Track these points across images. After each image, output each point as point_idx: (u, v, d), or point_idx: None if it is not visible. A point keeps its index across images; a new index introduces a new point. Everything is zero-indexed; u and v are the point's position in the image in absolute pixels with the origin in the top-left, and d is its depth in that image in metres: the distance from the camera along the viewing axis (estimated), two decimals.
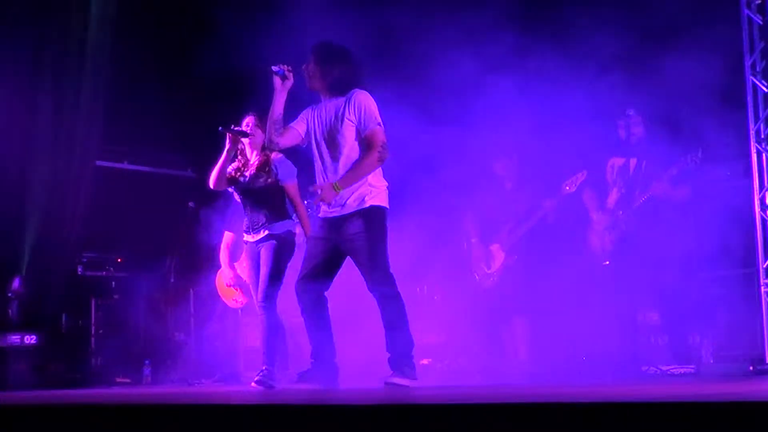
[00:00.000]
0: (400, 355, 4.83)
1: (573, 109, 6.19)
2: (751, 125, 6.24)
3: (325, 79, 5.00)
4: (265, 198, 5.72)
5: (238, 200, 5.87)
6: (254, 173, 5.69)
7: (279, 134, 5.07)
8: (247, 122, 5.79)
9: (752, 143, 6.24)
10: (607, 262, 6.28)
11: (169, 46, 8.55)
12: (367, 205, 4.89)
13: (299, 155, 5.63)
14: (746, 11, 6.29)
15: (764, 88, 6.25)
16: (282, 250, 5.67)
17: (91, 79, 8.01)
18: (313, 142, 5.06)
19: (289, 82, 5.05)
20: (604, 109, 6.10)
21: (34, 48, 7.77)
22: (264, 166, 5.69)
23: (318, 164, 5.04)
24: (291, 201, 5.76)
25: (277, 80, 5.04)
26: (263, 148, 5.70)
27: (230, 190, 5.85)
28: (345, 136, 4.92)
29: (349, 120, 4.92)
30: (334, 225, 4.95)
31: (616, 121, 6.34)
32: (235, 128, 5.69)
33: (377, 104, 4.97)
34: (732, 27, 6.27)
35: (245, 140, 5.73)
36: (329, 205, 4.92)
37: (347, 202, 4.90)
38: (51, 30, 7.85)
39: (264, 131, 5.67)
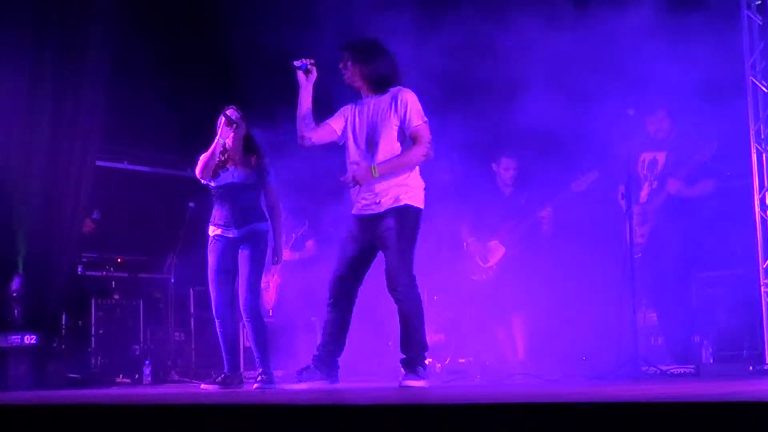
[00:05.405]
0: (415, 356, 4.83)
1: (575, 110, 6.19)
2: (751, 125, 6.23)
3: (365, 77, 4.94)
4: (251, 195, 5.66)
5: (214, 190, 5.72)
6: (254, 169, 5.64)
7: (310, 129, 4.99)
8: (230, 113, 5.66)
9: (752, 143, 6.23)
10: (639, 255, 6.27)
11: (171, 45, 8.54)
12: (402, 203, 4.86)
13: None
14: (746, 11, 6.28)
15: (764, 88, 6.24)
16: (263, 252, 5.64)
17: (91, 79, 8.00)
18: (351, 139, 4.98)
19: (313, 76, 4.98)
20: (604, 109, 6.08)
21: (35, 47, 7.75)
22: (260, 163, 5.65)
23: (353, 162, 4.97)
24: (275, 203, 5.70)
25: (300, 75, 4.97)
26: (245, 142, 5.65)
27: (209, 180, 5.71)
28: (388, 135, 4.88)
29: (394, 119, 4.87)
30: (369, 223, 4.92)
31: (645, 117, 6.37)
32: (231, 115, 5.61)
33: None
34: (732, 27, 6.26)
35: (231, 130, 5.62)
36: (358, 188, 4.86)
37: (382, 200, 4.87)
38: (51, 29, 7.84)
39: (247, 124, 5.67)
